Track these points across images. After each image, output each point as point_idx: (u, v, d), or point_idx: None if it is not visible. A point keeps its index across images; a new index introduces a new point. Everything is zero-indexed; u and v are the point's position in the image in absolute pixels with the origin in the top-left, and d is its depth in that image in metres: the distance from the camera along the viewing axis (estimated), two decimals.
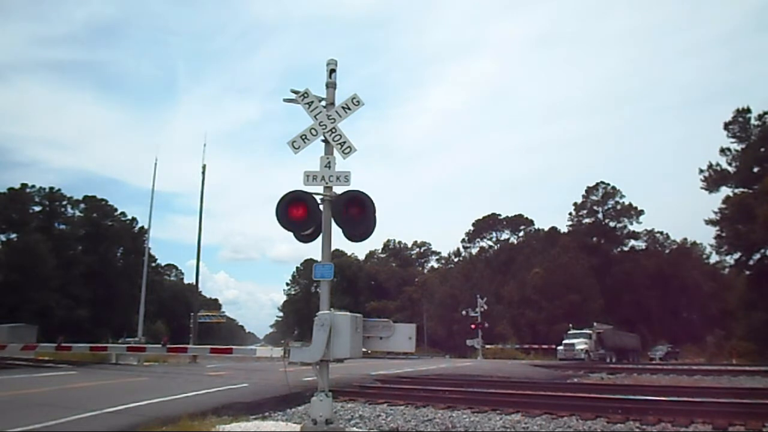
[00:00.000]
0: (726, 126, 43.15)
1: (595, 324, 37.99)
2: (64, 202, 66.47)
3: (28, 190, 62.74)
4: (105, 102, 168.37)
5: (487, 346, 42.05)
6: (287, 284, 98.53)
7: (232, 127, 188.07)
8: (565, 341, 35.71)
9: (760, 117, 41.84)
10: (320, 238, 6.29)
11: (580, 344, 34.50)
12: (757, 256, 40.32)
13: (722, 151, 43.22)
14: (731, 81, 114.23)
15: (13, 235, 58.99)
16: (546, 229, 68.68)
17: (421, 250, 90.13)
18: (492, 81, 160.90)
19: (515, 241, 72.70)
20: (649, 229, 64.70)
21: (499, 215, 74.06)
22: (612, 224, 63.42)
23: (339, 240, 6.54)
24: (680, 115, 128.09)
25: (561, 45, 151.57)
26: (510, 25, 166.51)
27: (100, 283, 62.20)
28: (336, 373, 10.86)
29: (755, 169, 41.02)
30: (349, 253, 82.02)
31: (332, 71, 6.58)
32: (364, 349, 6.26)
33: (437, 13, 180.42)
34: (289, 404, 9.13)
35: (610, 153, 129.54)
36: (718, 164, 43.46)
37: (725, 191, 42.79)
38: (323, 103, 6.51)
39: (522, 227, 73.35)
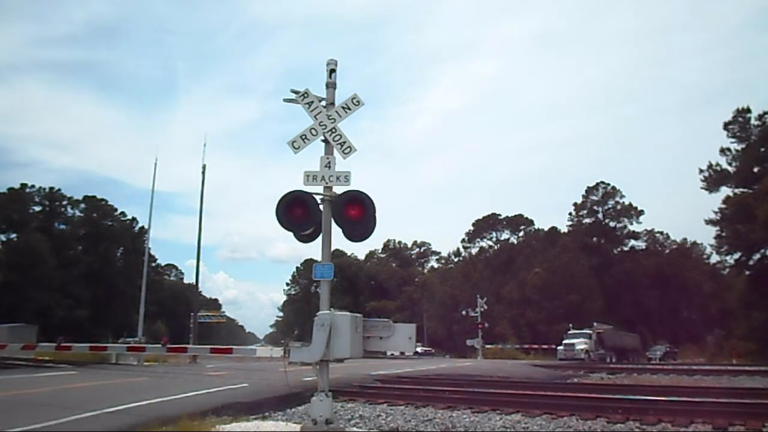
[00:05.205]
0: (726, 126, 43.10)
1: (595, 324, 37.95)
2: (64, 202, 66.45)
3: (28, 190, 62.70)
4: (105, 102, 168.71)
5: (487, 346, 42.03)
6: (287, 284, 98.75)
7: (232, 127, 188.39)
8: (565, 341, 35.68)
9: (760, 117, 41.77)
10: (320, 238, 6.29)
11: (580, 344, 34.48)
12: (757, 256, 40.26)
13: (722, 151, 43.18)
14: (731, 81, 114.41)
15: (13, 235, 58.95)
16: (546, 229, 68.65)
17: (421, 250, 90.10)
18: (492, 81, 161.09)
19: (515, 241, 72.64)
20: (649, 229, 64.80)
21: (499, 215, 74.07)
22: (612, 224, 63.39)
23: (339, 240, 6.54)
24: (680, 115, 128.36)
25: (561, 45, 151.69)
26: (510, 24, 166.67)
27: (100, 283, 62.17)
28: (336, 373, 10.85)
29: (755, 169, 40.96)
30: (349, 253, 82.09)
31: (332, 71, 6.58)
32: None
33: (437, 13, 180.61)
34: (289, 404, 9.11)
35: (610, 153, 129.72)
36: (718, 164, 43.45)
37: (725, 191, 42.77)
38: (323, 103, 6.50)
39: (522, 227, 73.30)
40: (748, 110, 42.37)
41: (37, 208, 63.96)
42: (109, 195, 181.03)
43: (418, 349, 46.60)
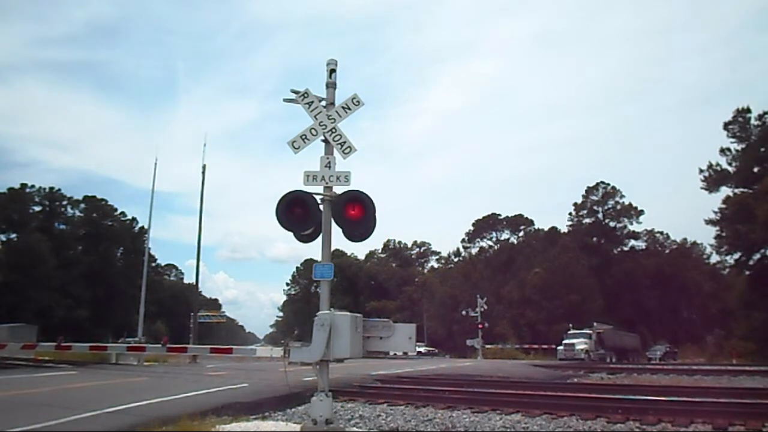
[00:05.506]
0: (726, 126, 43.07)
1: (595, 324, 37.93)
2: (64, 202, 66.45)
3: (28, 190, 62.70)
4: (105, 102, 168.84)
5: (487, 346, 42.01)
6: (287, 284, 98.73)
7: (232, 127, 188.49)
8: (565, 341, 35.67)
9: (760, 117, 41.74)
10: (320, 238, 6.29)
11: (580, 344, 34.47)
12: (757, 256, 40.25)
13: (722, 151, 43.15)
14: (731, 81, 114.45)
15: (13, 235, 58.95)
16: (546, 229, 68.61)
17: (421, 250, 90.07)
18: (492, 81, 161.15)
19: (515, 241, 72.59)
20: (649, 229, 64.72)
21: (499, 215, 74.03)
22: (612, 224, 63.34)
23: (339, 240, 6.54)
24: (680, 115, 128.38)
25: (561, 45, 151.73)
26: (510, 24, 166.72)
27: (100, 283, 62.17)
28: (336, 373, 10.85)
29: (755, 169, 40.94)
30: (349, 253, 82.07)
31: (332, 71, 6.58)
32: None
33: (437, 13, 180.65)
34: (289, 404, 9.12)
35: (610, 153, 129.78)
36: (718, 164, 43.42)
37: (725, 191, 42.75)
38: (323, 103, 6.50)
39: (522, 227, 73.26)
40: (748, 110, 42.38)
41: (37, 208, 64.00)
42: (109, 195, 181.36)
43: (421, 349, 46.61)
